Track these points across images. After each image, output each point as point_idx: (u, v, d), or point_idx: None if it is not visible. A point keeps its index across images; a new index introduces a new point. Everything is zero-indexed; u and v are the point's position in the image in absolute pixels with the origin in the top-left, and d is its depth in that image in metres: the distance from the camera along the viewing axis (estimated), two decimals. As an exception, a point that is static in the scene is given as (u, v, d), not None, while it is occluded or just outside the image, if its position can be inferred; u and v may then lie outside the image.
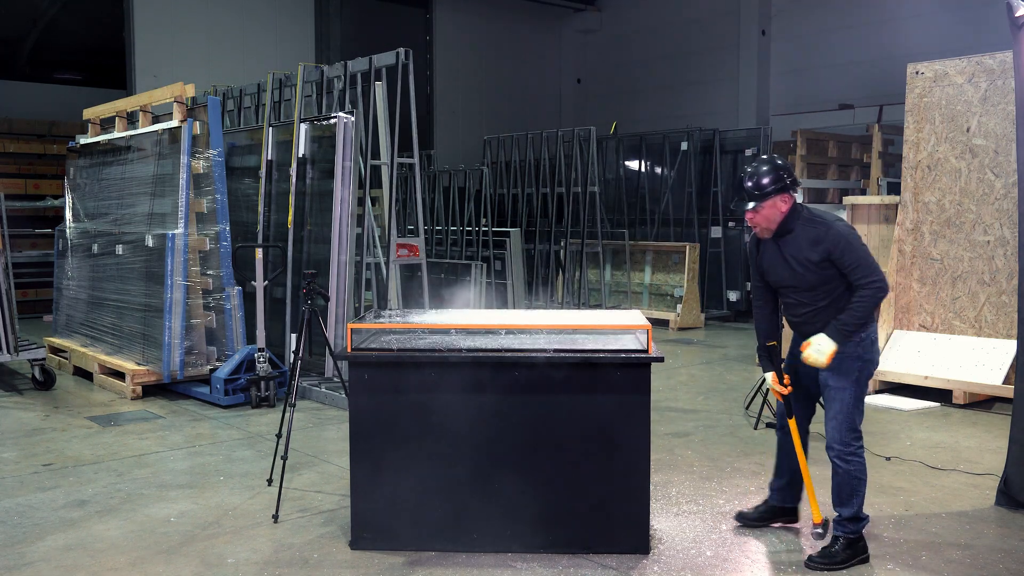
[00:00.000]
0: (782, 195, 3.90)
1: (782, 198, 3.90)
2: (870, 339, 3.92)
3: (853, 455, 3.95)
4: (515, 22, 19.26)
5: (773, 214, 3.91)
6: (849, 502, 3.97)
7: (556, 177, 12.15)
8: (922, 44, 12.86)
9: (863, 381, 3.96)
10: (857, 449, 3.96)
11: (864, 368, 3.94)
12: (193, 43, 14.48)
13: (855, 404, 3.94)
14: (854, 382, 3.92)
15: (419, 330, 4.46)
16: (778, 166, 3.93)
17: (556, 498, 4.09)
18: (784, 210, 3.92)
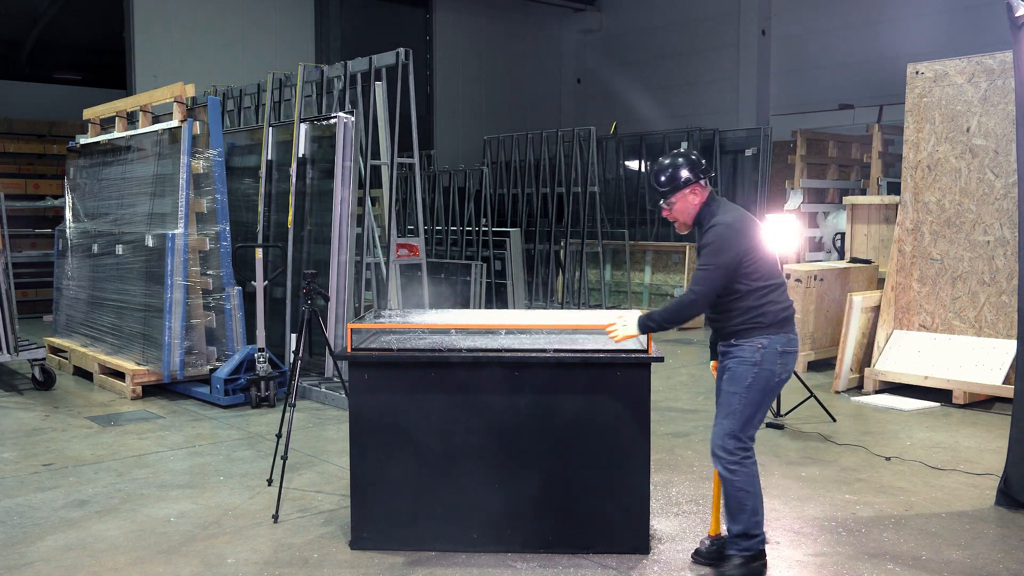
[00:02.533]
0: (691, 187, 3.78)
1: (691, 190, 3.79)
2: (774, 348, 3.70)
3: (737, 465, 3.72)
4: (515, 22, 19.25)
5: (685, 207, 3.82)
6: (737, 517, 3.76)
7: (556, 177, 12.14)
8: (922, 44, 12.85)
9: (757, 389, 3.71)
10: (743, 459, 3.73)
11: (759, 376, 3.70)
12: (193, 43, 14.47)
13: (744, 412, 3.72)
14: (746, 388, 3.71)
15: (419, 330, 4.46)
16: (684, 159, 3.81)
17: (556, 498, 4.09)
18: (696, 202, 3.81)
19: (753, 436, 3.80)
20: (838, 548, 4.20)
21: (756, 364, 3.70)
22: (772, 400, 3.83)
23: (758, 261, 3.71)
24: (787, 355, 3.75)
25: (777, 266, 3.84)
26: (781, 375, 3.75)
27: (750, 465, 3.74)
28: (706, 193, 3.82)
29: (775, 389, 3.79)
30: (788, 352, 3.75)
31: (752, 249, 3.70)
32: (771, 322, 3.70)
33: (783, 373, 3.75)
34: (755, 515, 3.76)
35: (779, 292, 3.76)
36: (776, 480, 5.22)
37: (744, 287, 3.70)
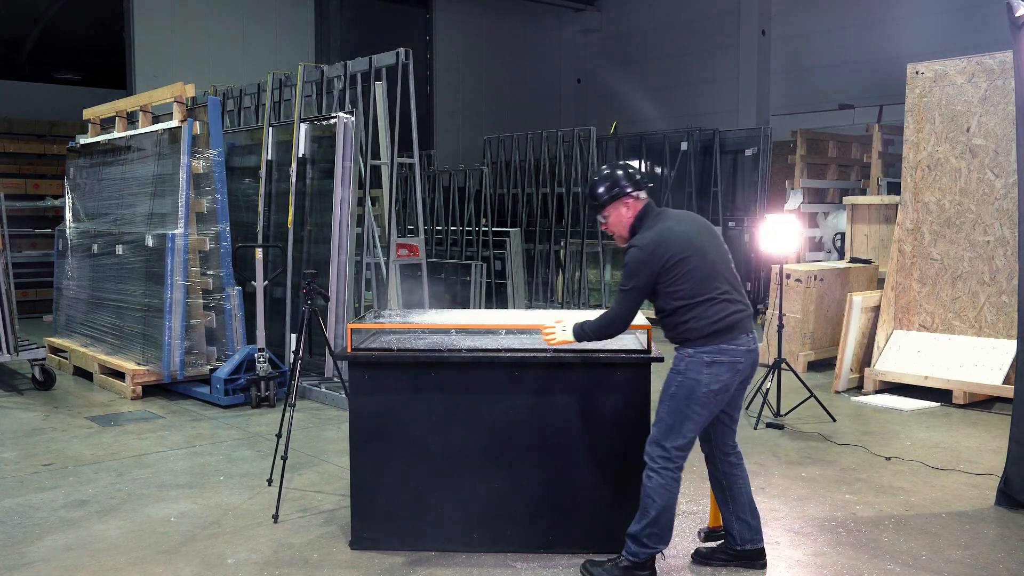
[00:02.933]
0: (622, 200, 3.75)
1: (623, 203, 3.75)
2: (699, 358, 3.62)
3: (654, 473, 3.66)
4: (515, 22, 19.25)
5: (619, 220, 3.78)
6: (638, 518, 3.71)
7: (556, 177, 12.14)
8: (922, 44, 12.86)
9: (680, 398, 3.63)
10: (660, 469, 3.65)
11: (683, 385, 3.63)
12: (193, 43, 14.47)
13: (667, 420, 3.66)
14: (669, 396, 3.67)
15: (419, 330, 4.46)
16: (615, 172, 3.77)
17: (556, 498, 4.09)
18: (628, 215, 3.76)
19: (680, 448, 3.67)
20: (838, 548, 4.20)
21: (680, 373, 3.66)
22: (706, 412, 3.66)
23: (681, 279, 3.61)
24: (717, 365, 3.62)
25: (713, 278, 3.66)
26: (710, 385, 3.61)
27: (667, 477, 3.65)
28: (640, 205, 3.77)
29: (706, 400, 3.63)
30: (718, 362, 3.62)
31: (672, 268, 3.60)
32: (698, 336, 3.62)
33: (713, 383, 3.62)
34: (653, 526, 3.67)
35: (706, 307, 3.62)
36: (776, 480, 5.22)
37: (668, 305, 3.66)
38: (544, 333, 3.90)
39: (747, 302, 3.77)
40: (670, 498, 3.68)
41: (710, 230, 3.82)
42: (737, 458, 3.94)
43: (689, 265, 3.61)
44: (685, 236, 3.65)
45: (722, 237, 3.84)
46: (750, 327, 3.74)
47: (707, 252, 3.67)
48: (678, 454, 3.68)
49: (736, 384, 3.72)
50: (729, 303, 3.67)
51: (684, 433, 3.67)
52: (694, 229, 3.73)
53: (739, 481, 3.92)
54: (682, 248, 3.62)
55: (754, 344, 3.73)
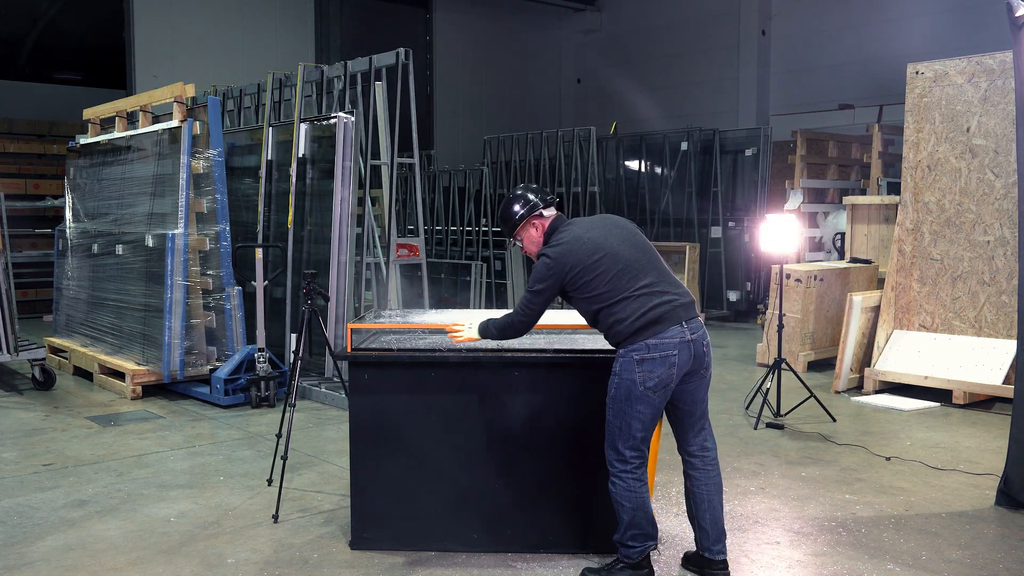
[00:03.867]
0: (529, 221, 3.84)
1: (530, 223, 3.84)
2: (631, 357, 3.59)
3: (616, 479, 3.67)
4: (515, 22, 19.25)
5: (530, 240, 3.87)
6: (618, 526, 3.73)
7: (556, 177, 12.14)
8: (922, 44, 12.86)
9: (619, 399, 3.62)
10: (620, 473, 3.66)
11: (620, 386, 3.62)
12: (193, 43, 14.48)
13: (614, 423, 3.65)
14: (610, 399, 3.66)
15: (419, 330, 4.46)
16: (517, 198, 3.86)
17: (556, 498, 4.09)
18: (537, 235, 3.85)
19: (633, 448, 3.64)
20: (838, 548, 4.20)
21: (616, 374, 3.65)
22: (648, 411, 3.61)
23: (593, 283, 3.63)
24: (648, 362, 3.57)
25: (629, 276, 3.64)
26: (646, 383, 3.57)
27: (627, 479, 3.65)
28: (547, 222, 3.84)
29: (645, 398, 3.59)
30: (649, 359, 3.57)
31: (580, 274, 3.63)
32: (626, 335, 3.60)
33: (648, 380, 3.57)
34: (632, 528, 3.68)
35: (625, 305, 3.61)
36: (776, 480, 5.23)
37: (589, 310, 3.69)
38: (451, 332, 3.94)
39: (679, 292, 3.70)
40: (637, 499, 3.66)
41: (626, 229, 3.80)
42: (701, 460, 3.83)
43: (599, 268, 3.63)
44: (592, 242, 3.68)
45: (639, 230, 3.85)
46: (684, 316, 3.63)
47: (619, 252, 3.67)
48: (633, 455, 3.65)
49: (675, 377, 3.61)
50: (651, 296, 3.62)
51: (632, 433, 3.63)
52: (604, 233, 3.74)
53: (699, 484, 3.83)
54: (589, 254, 3.65)
55: (692, 334, 3.62)
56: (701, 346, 3.67)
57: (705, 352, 3.70)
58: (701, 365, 3.69)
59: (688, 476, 3.87)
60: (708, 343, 3.72)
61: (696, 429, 3.83)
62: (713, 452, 3.88)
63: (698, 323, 3.69)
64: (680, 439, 3.87)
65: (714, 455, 3.88)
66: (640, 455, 3.68)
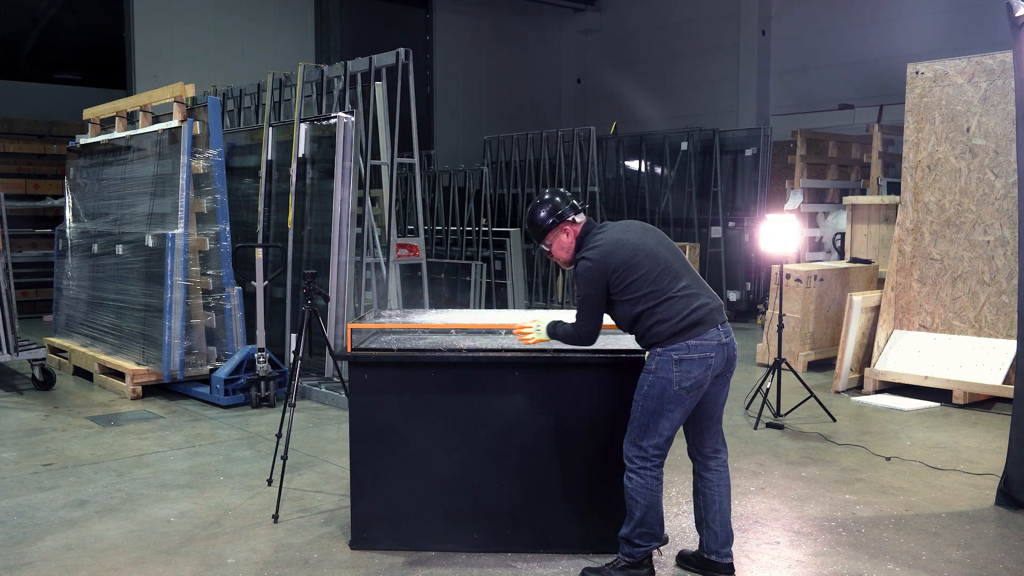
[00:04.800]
0: (560, 227, 3.84)
1: (561, 229, 3.85)
2: (669, 356, 3.60)
3: (633, 474, 3.69)
4: (515, 22, 19.25)
5: (560, 246, 3.88)
6: (626, 521, 3.75)
7: (556, 177, 12.14)
8: (922, 44, 12.86)
9: (652, 397, 3.64)
10: (639, 469, 3.68)
11: (654, 384, 3.63)
12: (193, 43, 14.48)
13: (641, 419, 3.67)
14: (642, 396, 3.67)
15: (419, 330, 4.46)
16: (546, 203, 3.87)
17: (556, 498, 4.09)
18: (568, 241, 3.86)
19: (658, 447, 3.67)
20: (838, 548, 4.20)
21: (651, 372, 3.65)
22: (679, 411, 3.65)
23: (635, 284, 3.65)
24: (687, 363, 3.60)
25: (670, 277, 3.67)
26: (682, 383, 3.60)
27: (647, 476, 3.67)
28: (579, 228, 3.85)
29: (678, 398, 3.62)
30: (688, 359, 3.60)
31: (623, 276, 3.65)
32: (666, 336, 3.61)
33: (684, 381, 3.60)
34: (642, 526, 3.70)
35: (668, 306, 3.63)
36: (776, 480, 5.22)
37: (630, 313, 3.69)
38: (518, 333, 3.94)
39: (713, 295, 3.75)
40: (653, 497, 3.68)
41: (657, 234, 3.84)
42: (715, 462, 3.86)
43: (642, 270, 3.65)
44: (631, 244, 3.70)
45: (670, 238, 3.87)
46: (719, 320, 3.69)
47: (658, 254, 3.70)
48: (655, 453, 3.68)
49: (709, 379, 3.66)
50: (692, 298, 3.66)
51: (660, 432, 3.66)
52: (638, 235, 3.76)
53: (711, 486, 3.85)
54: (630, 255, 3.67)
55: (726, 337, 3.69)
56: (732, 349, 3.73)
57: (735, 356, 3.75)
58: (730, 368, 3.75)
59: (700, 477, 3.88)
60: (736, 347, 3.78)
61: (713, 431, 3.86)
62: (725, 455, 3.91)
63: (728, 327, 3.74)
64: (695, 441, 3.87)
65: (725, 457, 3.91)
66: (662, 454, 3.70)
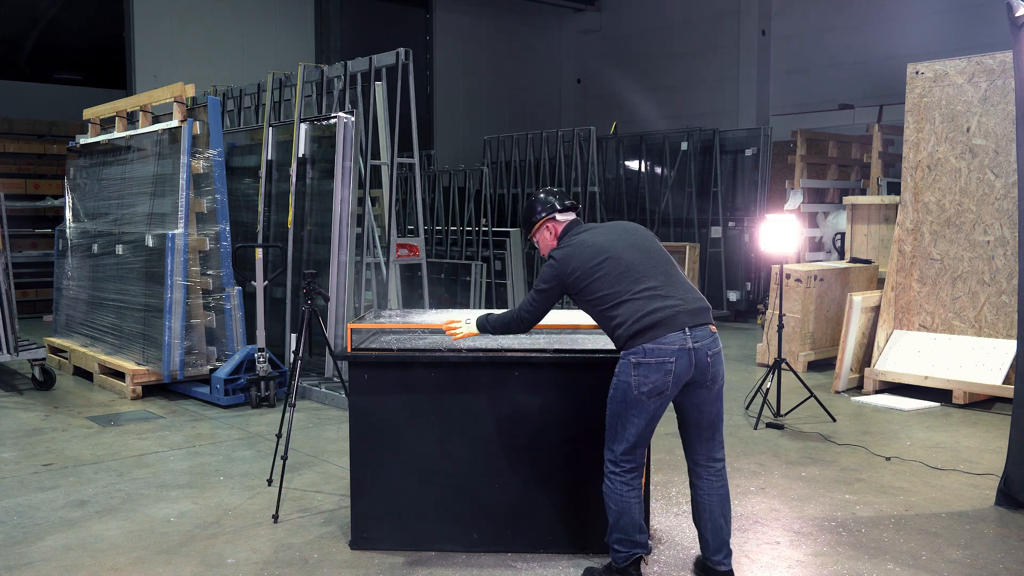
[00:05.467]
0: (543, 224, 3.93)
1: (544, 226, 3.93)
2: (628, 360, 3.54)
3: (606, 478, 3.66)
4: (515, 22, 19.25)
5: (544, 243, 3.97)
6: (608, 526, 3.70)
7: (556, 177, 12.14)
8: (922, 44, 12.86)
9: (616, 401, 3.59)
10: (609, 473, 3.64)
11: (617, 388, 3.58)
12: (193, 43, 14.47)
13: (610, 423, 3.63)
14: (609, 399, 3.63)
15: (419, 330, 4.46)
16: (534, 200, 3.98)
17: (556, 498, 4.09)
18: (549, 237, 3.94)
19: (626, 452, 3.60)
20: (838, 548, 4.20)
21: (615, 376, 3.62)
22: (643, 415, 3.56)
23: (594, 286, 3.63)
24: (644, 367, 3.51)
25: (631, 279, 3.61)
26: (640, 387, 3.51)
27: (615, 482, 3.62)
28: (561, 226, 3.91)
29: (638, 402, 3.54)
30: (644, 364, 3.51)
31: (581, 278, 3.65)
32: (624, 339, 3.56)
33: (642, 385, 3.51)
34: (617, 531, 3.65)
35: (624, 308, 3.57)
36: (776, 480, 5.22)
37: (594, 312, 3.71)
38: (448, 329, 3.99)
39: (687, 297, 3.62)
40: (624, 504, 3.62)
41: (636, 234, 3.79)
42: (706, 471, 3.75)
43: (601, 271, 3.63)
44: (597, 246, 3.70)
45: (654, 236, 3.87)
46: (687, 323, 3.54)
47: (622, 256, 3.66)
48: (624, 458, 3.61)
49: (671, 385, 3.52)
50: (652, 300, 3.57)
51: (625, 437, 3.59)
52: (611, 237, 3.75)
53: (701, 494, 3.76)
54: (591, 257, 3.67)
55: (695, 342, 3.52)
56: (704, 355, 3.55)
57: (709, 363, 3.57)
58: (705, 376, 3.58)
59: (692, 485, 3.81)
60: (716, 353, 3.61)
61: (703, 439, 3.74)
62: (720, 464, 3.78)
63: (705, 331, 3.58)
64: (686, 447, 3.81)
65: (721, 467, 3.78)
66: (632, 460, 3.63)
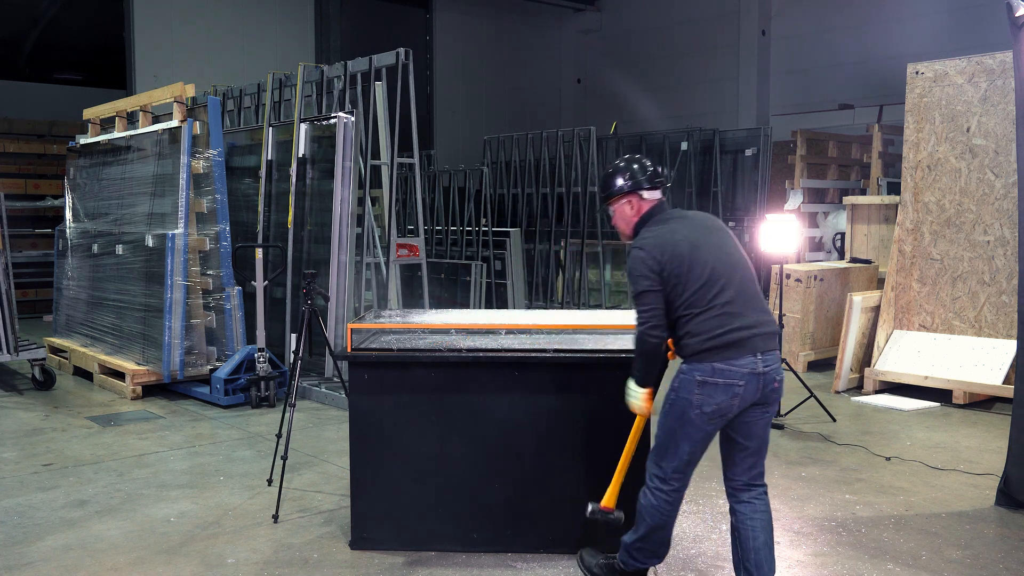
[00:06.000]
0: (626, 197, 3.51)
1: (627, 201, 3.51)
2: (692, 376, 3.30)
3: (648, 491, 3.47)
4: (515, 22, 19.25)
5: (622, 217, 3.55)
6: (633, 530, 3.57)
7: (556, 177, 12.14)
8: (922, 44, 12.86)
9: (672, 416, 3.38)
10: (654, 488, 3.45)
11: (675, 404, 3.36)
12: (193, 43, 14.47)
13: (662, 439, 3.42)
14: (663, 414, 3.42)
15: (419, 330, 4.46)
16: (623, 167, 3.53)
17: (556, 498, 4.09)
18: (630, 215, 3.52)
19: (677, 470, 3.42)
20: (838, 548, 4.20)
21: (674, 390, 3.39)
22: (699, 435, 3.36)
23: (678, 286, 3.32)
24: (709, 386, 3.28)
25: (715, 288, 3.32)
26: (703, 407, 3.30)
27: (659, 498, 3.44)
28: (646, 206, 3.51)
29: (699, 422, 3.32)
30: (711, 383, 3.27)
31: (671, 276, 3.32)
32: (692, 351, 3.31)
33: (705, 405, 3.29)
34: (644, 542, 3.53)
35: (702, 319, 3.30)
36: (776, 480, 5.22)
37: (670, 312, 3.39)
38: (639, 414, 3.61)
39: (763, 320, 3.35)
40: (662, 519, 3.48)
41: (718, 234, 3.47)
42: (748, 494, 3.47)
43: (685, 273, 3.32)
44: (686, 241, 3.36)
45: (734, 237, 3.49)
46: (762, 347, 3.31)
47: (707, 260, 3.34)
48: (673, 475, 3.44)
49: (736, 408, 3.31)
50: (732, 317, 3.30)
51: (678, 454, 3.41)
52: (699, 234, 3.42)
53: (745, 522, 3.45)
54: (679, 255, 3.33)
55: (765, 367, 3.31)
56: (772, 380, 3.35)
57: (776, 388, 3.38)
58: (768, 400, 3.38)
59: (735, 512, 3.50)
60: (781, 378, 3.42)
61: (747, 465, 3.48)
62: (763, 489, 3.51)
63: (775, 356, 3.37)
64: (725, 471, 3.54)
65: (763, 491, 3.51)
66: (681, 477, 3.45)
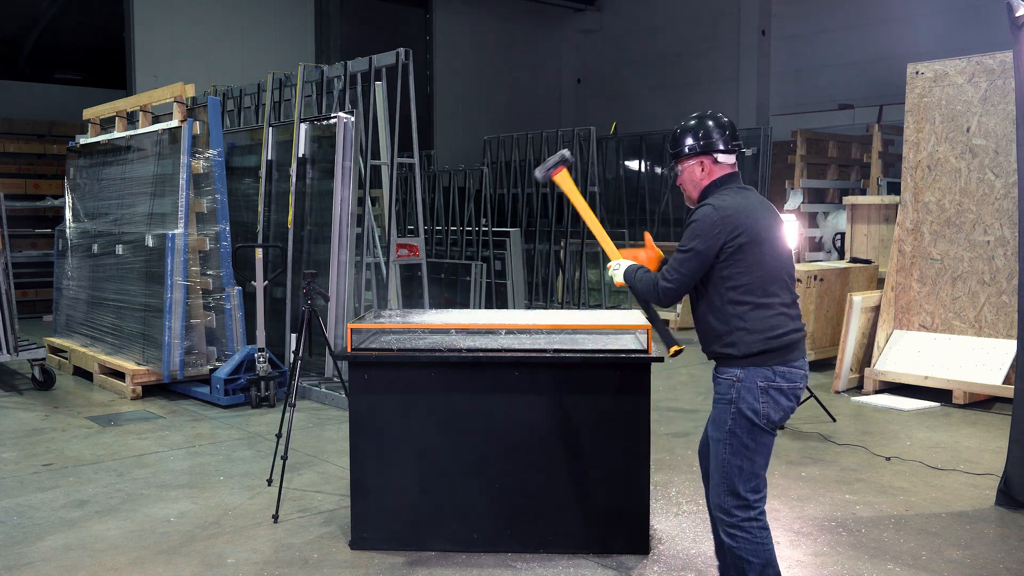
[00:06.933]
0: (698, 158, 3.19)
1: (698, 162, 3.19)
2: (753, 383, 3.03)
3: (737, 529, 3.08)
4: (515, 22, 19.25)
5: (690, 179, 3.23)
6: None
7: (556, 177, 12.12)
8: (922, 44, 12.86)
9: (741, 434, 3.05)
10: (742, 522, 3.07)
11: (739, 418, 3.05)
12: (193, 43, 14.47)
13: (736, 461, 3.07)
14: (728, 434, 3.07)
15: (419, 330, 4.46)
16: (697, 124, 3.20)
17: (556, 498, 4.09)
18: (700, 177, 3.19)
19: (756, 490, 3.09)
20: (838, 548, 4.20)
21: (732, 403, 3.06)
22: (770, 444, 3.12)
23: (748, 266, 3.02)
24: (775, 392, 3.04)
25: (780, 282, 3.09)
26: (772, 415, 3.04)
27: (754, 530, 3.08)
28: (719, 171, 3.18)
29: (767, 434, 3.08)
30: (775, 388, 3.04)
31: (744, 247, 3.01)
32: (750, 352, 3.03)
33: (775, 413, 3.05)
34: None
35: (763, 314, 3.03)
36: (776, 480, 5.22)
37: (718, 297, 3.08)
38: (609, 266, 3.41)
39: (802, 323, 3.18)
40: (767, 552, 3.09)
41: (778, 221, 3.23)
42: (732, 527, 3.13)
43: (759, 250, 3.03)
44: (764, 221, 3.09)
45: None
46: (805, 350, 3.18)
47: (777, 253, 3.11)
48: (756, 498, 3.10)
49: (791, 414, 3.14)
50: (790, 318, 3.09)
51: (756, 472, 3.09)
52: (772, 220, 3.15)
53: None
54: (756, 231, 3.03)
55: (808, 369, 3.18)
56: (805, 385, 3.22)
57: None
58: None
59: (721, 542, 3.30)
60: None
61: None
62: None
63: None
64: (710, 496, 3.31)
65: None
66: (762, 498, 3.13)
